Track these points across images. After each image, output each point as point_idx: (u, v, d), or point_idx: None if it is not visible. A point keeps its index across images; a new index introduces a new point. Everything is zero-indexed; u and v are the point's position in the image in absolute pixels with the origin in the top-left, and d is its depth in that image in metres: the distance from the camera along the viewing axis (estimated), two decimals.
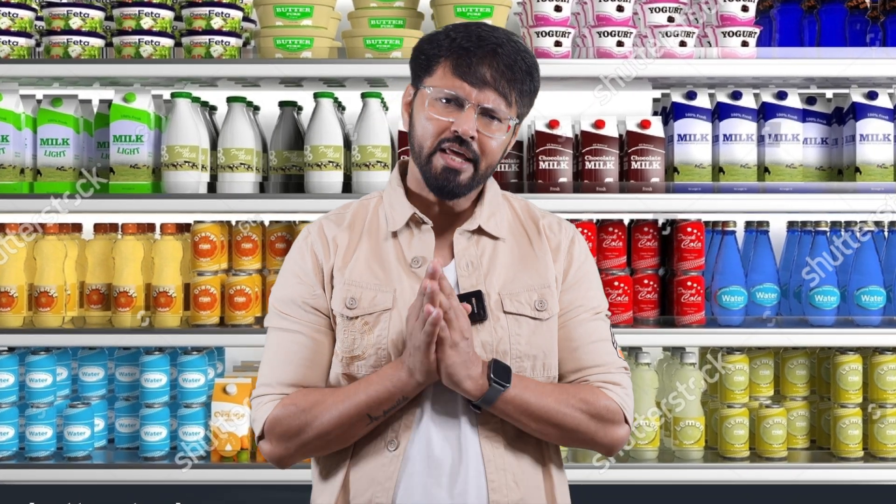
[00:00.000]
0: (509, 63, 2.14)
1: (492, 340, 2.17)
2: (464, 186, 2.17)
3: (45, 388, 3.71)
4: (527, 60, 2.17)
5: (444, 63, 2.15)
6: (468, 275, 2.20)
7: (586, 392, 2.19)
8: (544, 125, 3.71)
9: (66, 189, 3.67)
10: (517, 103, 2.18)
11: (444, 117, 2.14)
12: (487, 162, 2.18)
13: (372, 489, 2.15)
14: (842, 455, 3.72)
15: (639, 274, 3.76)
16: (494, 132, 2.16)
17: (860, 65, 3.65)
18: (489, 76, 2.13)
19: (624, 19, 3.70)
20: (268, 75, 3.68)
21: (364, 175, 3.69)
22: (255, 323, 3.71)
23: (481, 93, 2.13)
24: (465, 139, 2.13)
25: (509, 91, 2.15)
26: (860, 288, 3.71)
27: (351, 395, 2.12)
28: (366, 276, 2.20)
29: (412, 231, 2.24)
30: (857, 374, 3.73)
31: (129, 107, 3.68)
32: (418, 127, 2.18)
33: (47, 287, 3.71)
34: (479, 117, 2.14)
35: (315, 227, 2.28)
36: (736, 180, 3.73)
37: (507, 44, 2.15)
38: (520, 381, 2.14)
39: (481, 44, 2.13)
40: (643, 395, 3.68)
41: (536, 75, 2.21)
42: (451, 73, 2.14)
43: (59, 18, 3.75)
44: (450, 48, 2.15)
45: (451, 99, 2.14)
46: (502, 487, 2.15)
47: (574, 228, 2.34)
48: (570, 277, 2.27)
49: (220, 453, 3.65)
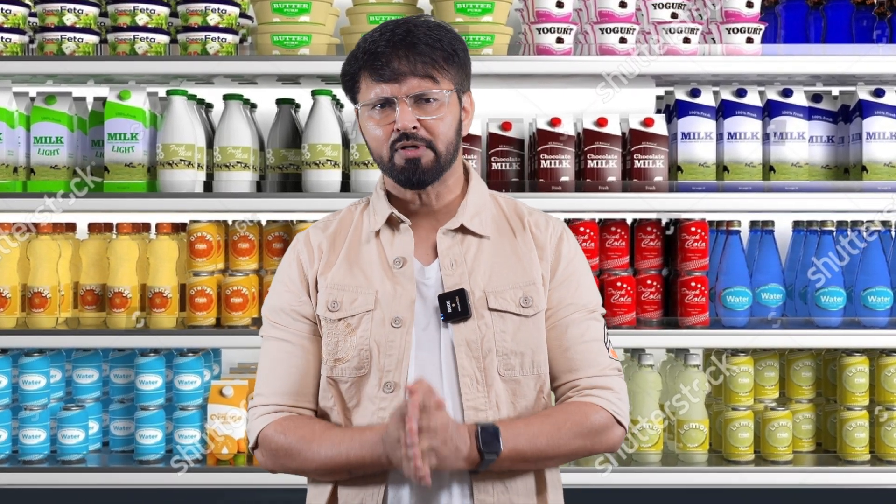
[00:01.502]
0: (415, 43, 2.17)
1: (476, 338, 2.19)
2: (429, 171, 2.20)
3: (39, 391, 3.67)
4: (436, 33, 2.20)
5: (363, 75, 2.20)
6: (451, 273, 2.22)
7: (576, 414, 2.20)
8: (546, 123, 3.68)
9: (60, 188, 3.65)
10: (443, 76, 2.20)
11: (384, 124, 2.19)
12: (444, 141, 2.20)
13: (362, 494, 2.19)
14: (848, 458, 3.69)
15: (642, 274, 3.73)
16: (435, 112, 2.18)
17: (867, 62, 3.62)
18: (403, 66, 2.16)
19: (627, 16, 3.67)
20: (265, 72, 3.67)
21: (363, 174, 3.66)
22: (251, 324, 3.68)
23: (402, 85, 2.16)
24: (409, 132, 2.16)
25: (430, 68, 2.18)
26: (867, 288, 3.68)
27: (337, 445, 2.17)
28: (347, 279, 2.24)
29: (392, 232, 2.27)
30: (863, 376, 3.70)
31: (123, 104, 3.66)
32: (370, 141, 2.23)
33: (41, 287, 3.68)
34: (414, 106, 2.17)
35: (303, 235, 2.34)
36: (740, 179, 3.70)
37: (413, 28, 2.18)
38: (509, 430, 2.14)
39: (386, 40, 2.17)
40: (646, 397, 3.65)
41: (452, 40, 2.22)
42: (370, 81, 2.19)
43: (53, 14, 3.72)
44: (363, 58, 2.20)
45: (381, 104, 2.18)
46: (489, 488, 2.17)
47: (563, 225, 2.35)
48: (558, 275, 2.28)
49: (217, 456, 3.63)
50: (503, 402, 2.20)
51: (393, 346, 2.19)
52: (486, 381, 2.18)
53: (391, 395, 2.18)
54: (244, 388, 3.64)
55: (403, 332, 2.19)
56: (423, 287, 2.22)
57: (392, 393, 2.18)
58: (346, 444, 2.16)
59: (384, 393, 2.18)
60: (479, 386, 2.18)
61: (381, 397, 2.18)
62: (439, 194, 2.27)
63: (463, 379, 2.18)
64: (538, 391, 2.24)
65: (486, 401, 2.18)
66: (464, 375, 2.18)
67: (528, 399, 2.22)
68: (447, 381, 2.19)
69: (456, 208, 2.28)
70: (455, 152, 2.24)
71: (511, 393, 2.21)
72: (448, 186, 2.28)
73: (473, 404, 2.18)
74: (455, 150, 2.24)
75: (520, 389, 2.22)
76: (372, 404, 2.19)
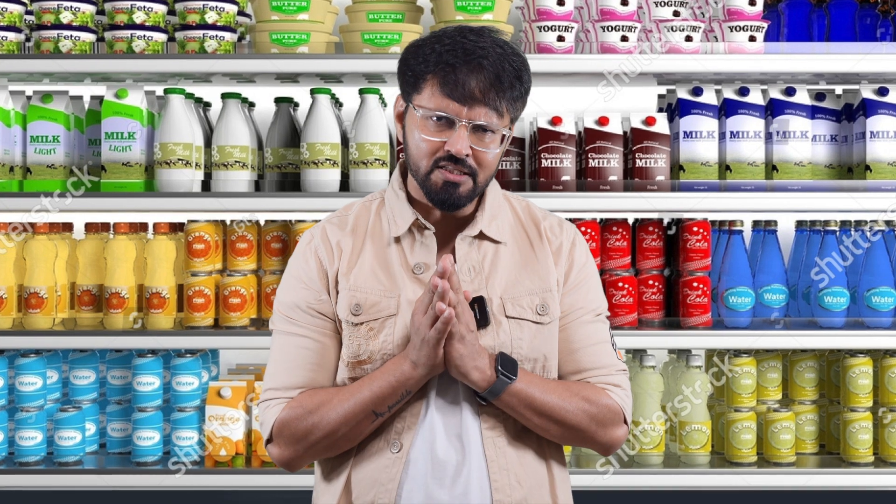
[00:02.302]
0: (497, 73, 2.12)
1: (494, 345, 2.19)
2: (464, 198, 2.19)
3: (35, 392, 3.66)
4: (514, 64, 2.15)
5: (430, 80, 2.15)
6: (470, 280, 2.23)
7: (589, 390, 2.23)
8: (547, 122, 3.67)
9: (57, 187, 3.63)
10: (509, 111, 2.18)
11: (436, 138, 2.15)
12: (485, 174, 2.20)
13: (374, 490, 2.17)
14: (851, 460, 3.68)
15: (643, 274, 3.71)
16: (489, 145, 2.16)
17: (870, 60, 3.61)
18: (478, 92, 2.12)
19: (628, 13, 3.66)
20: (263, 71, 3.65)
21: (362, 173, 3.65)
22: (250, 325, 3.67)
23: (471, 110, 2.13)
24: (460, 157, 2.14)
25: (499, 102, 2.14)
26: (870, 289, 3.66)
27: (355, 393, 2.15)
28: (370, 282, 2.22)
29: (414, 237, 2.26)
30: (867, 377, 3.68)
31: (121, 103, 3.65)
32: (412, 146, 2.20)
33: (37, 288, 3.67)
34: (472, 133, 2.14)
35: (318, 230, 2.30)
36: (743, 178, 3.69)
37: (493, 51, 2.13)
38: (525, 376, 2.18)
39: (467, 57, 2.12)
40: (648, 398, 3.64)
41: (526, 76, 2.19)
42: (438, 92, 2.14)
43: (50, 13, 3.71)
44: (436, 63, 2.14)
45: (442, 118, 2.14)
46: (505, 487, 2.17)
47: (575, 229, 2.36)
48: (571, 280, 2.30)
49: (215, 458, 3.62)
50: None
51: None
52: None
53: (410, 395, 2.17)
54: (242, 389, 3.63)
55: None
56: None
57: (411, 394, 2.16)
58: (367, 383, 2.15)
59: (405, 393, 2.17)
60: None
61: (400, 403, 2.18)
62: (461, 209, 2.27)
63: None
64: None
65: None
66: None
67: None
68: (464, 386, 2.18)
69: (473, 213, 2.28)
70: (489, 181, 2.24)
71: None
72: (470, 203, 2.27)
73: (490, 409, 2.19)
74: (490, 180, 2.24)
75: None
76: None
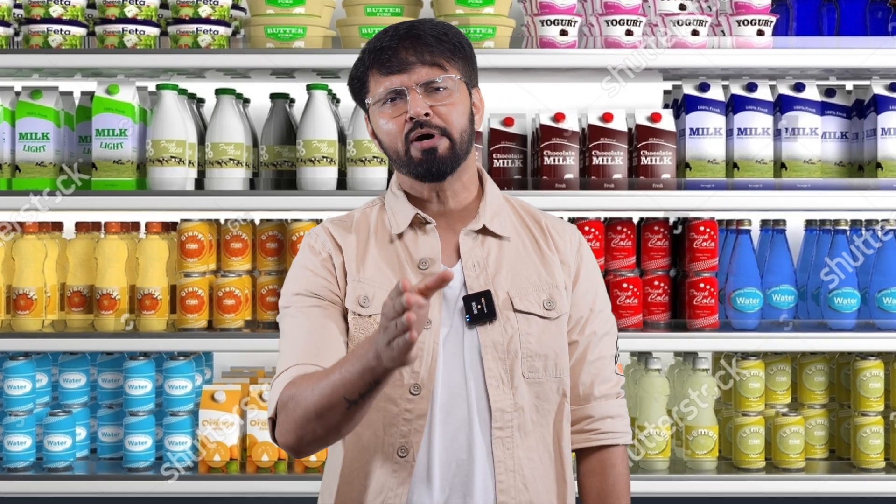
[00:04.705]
0: (419, 34, 2.21)
1: (503, 339, 2.21)
2: (448, 159, 2.21)
3: (24, 396, 3.64)
4: (440, 28, 2.24)
5: (371, 74, 2.24)
6: (476, 275, 2.24)
7: (622, 484, 2.32)
8: (549, 118, 3.66)
9: (46, 186, 3.62)
10: (453, 64, 2.23)
11: (396, 116, 2.21)
12: (458, 128, 2.22)
13: (383, 495, 2.19)
14: (862, 466, 3.65)
15: (649, 275, 3.69)
16: (445, 98, 2.21)
17: (881, 55, 3.59)
18: (411, 55, 2.20)
19: (633, 7, 3.64)
20: (258, 66, 3.63)
21: (359, 171, 3.63)
22: (244, 326, 3.66)
23: (412, 74, 2.20)
24: (421, 119, 2.18)
25: (437, 58, 2.21)
26: (882, 290, 3.64)
27: (330, 374, 2.06)
28: (377, 276, 2.25)
29: (416, 233, 2.28)
30: (878, 381, 3.65)
31: (112, 99, 3.63)
32: (384, 138, 2.25)
33: (26, 289, 3.65)
34: (425, 95, 2.20)
35: (321, 229, 2.33)
36: (751, 176, 3.67)
37: (417, 23, 2.24)
38: None
39: (391, 35, 2.22)
40: (653, 402, 3.62)
41: (455, 32, 2.26)
42: (379, 76, 2.22)
43: (39, 6, 3.68)
44: (368, 58, 2.24)
45: (392, 96, 2.21)
46: (510, 489, 2.19)
47: (578, 232, 2.40)
48: (579, 285, 2.33)
49: (209, 464, 3.59)
50: (527, 404, 2.22)
51: (423, 347, 2.18)
52: (512, 382, 2.21)
53: (417, 396, 2.17)
54: (237, 393, 3.61)
55: (432, 334, 2.19)
56: (445, 289, 2.22)
57: (418, 395, 2.17)
58: (339, 366, 2.05)
59: (411, 395, 2.18)
60: (506, 388, 2.20)
61: (407, 398, 2.18)
62: (456, 192, 2.28)
63: (490, 381, 2.19)
64: (561, 395, 2.26)
65: (512, 402, 2.20)
66: (491, 377, 2.19)
67: (551, 402, 2.25)
68: (473, 382, 2.20)
69: (474, 210, 2.31)
70: (469, 143, 2.25)
71: (535, 396, 2.23)
72: (463, 183, 2.29)
73: (501, 406, 2.19)
74: (469, 141, 2.25)
75: (543, 392, 2.24)
76: (395, 406, 2.18)
